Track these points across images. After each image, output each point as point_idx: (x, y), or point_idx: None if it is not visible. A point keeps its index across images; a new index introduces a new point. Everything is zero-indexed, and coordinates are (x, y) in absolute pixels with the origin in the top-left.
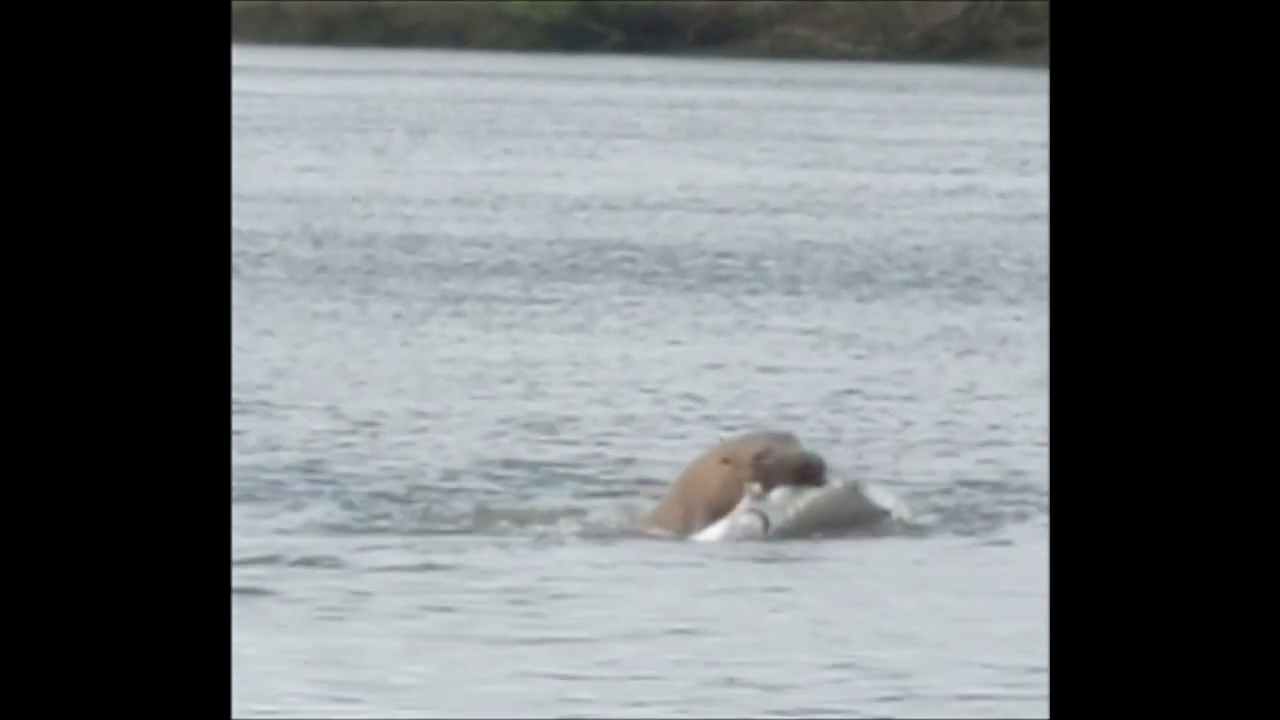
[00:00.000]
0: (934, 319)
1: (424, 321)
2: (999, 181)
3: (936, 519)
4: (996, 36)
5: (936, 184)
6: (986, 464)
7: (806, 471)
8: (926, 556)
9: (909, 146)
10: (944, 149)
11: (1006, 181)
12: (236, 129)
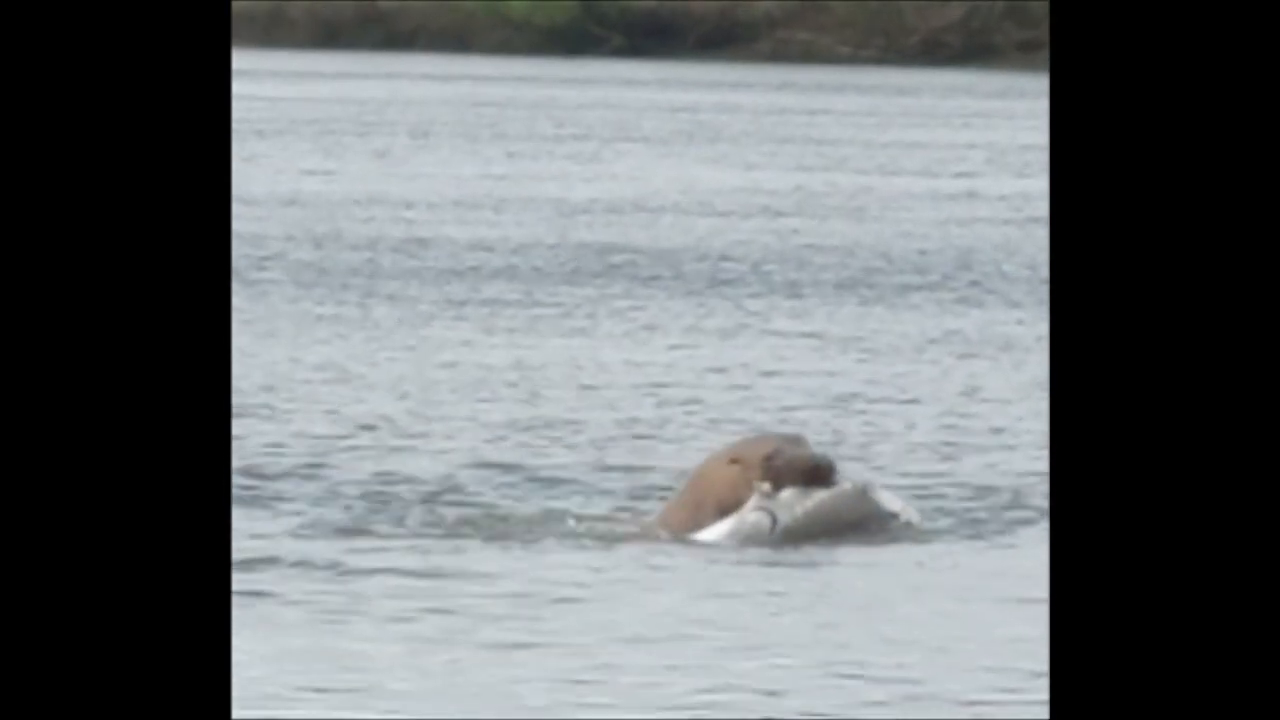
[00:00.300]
0: (936, 322)
1: (426, 325)
2: (1000, 185)
3: (939, 523)
4: (997, 40)
5: (938, 187)
6: (989, 468)
7: (816, 473)
8: (928, 560)
9: (910, 150)
10: (945, 152)
11: (1008, 185)
12: (238, 132)
